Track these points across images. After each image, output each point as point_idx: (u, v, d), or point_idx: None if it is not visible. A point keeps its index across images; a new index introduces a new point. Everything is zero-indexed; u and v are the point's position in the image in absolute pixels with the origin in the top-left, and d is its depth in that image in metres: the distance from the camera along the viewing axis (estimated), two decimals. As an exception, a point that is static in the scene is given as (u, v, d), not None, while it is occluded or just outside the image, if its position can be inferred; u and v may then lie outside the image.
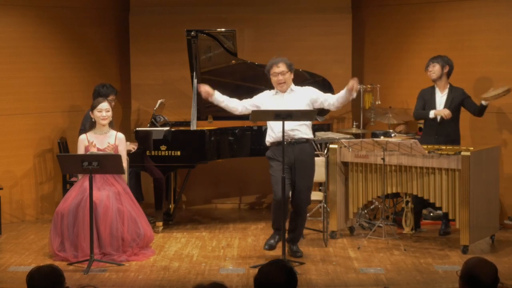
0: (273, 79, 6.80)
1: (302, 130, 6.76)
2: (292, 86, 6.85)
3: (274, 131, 6.77)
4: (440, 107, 7.53)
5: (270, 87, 6.96)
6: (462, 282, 3.50)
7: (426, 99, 7.62)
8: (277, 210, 6.79)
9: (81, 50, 9.01)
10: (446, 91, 7.56)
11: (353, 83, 6.61)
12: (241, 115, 7.10)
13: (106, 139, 6.99)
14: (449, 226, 7.59)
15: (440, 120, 7.50)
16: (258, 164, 8.59)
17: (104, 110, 6.98)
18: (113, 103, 8.26)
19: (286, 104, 6.74)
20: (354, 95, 6.70)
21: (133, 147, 7.86)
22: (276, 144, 6.74)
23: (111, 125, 7.11)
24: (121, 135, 7.08)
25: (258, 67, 8.14)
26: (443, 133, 7.51)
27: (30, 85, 8.56)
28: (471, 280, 3.46)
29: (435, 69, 7.53)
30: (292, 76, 6.83)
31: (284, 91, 6.82)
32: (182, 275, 6.34)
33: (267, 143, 6.89)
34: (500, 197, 7.56)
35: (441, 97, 7.56)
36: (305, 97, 6.81)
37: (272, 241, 6.92)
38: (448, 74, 7.57)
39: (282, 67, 6.74)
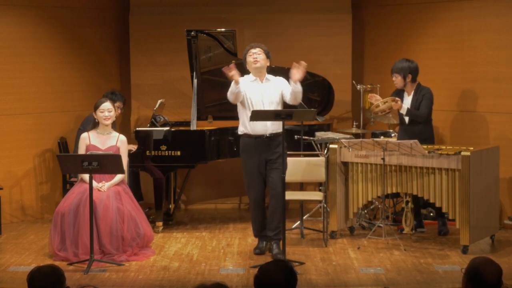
0: (249, 60, 6.84)
1: (280, 123, 6.75)
2: (268, 75, 6.89)
3: (253, 126, 6.80)
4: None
5: None
6: (466, 278, 3.51)
7: None
8: (256, 213, 6.92)
9: (81, 50, 9.01)
10: (413, 92, 7.57)
11: (296, 74, 6.62)
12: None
13: (108, 140, 6.99)
14: (446, 223, 7.58)
15: (408, 121, 7.53)
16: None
17: (106, 110, 6.97)
18: (119, 111, 8.28)
19: (262, 92, 6.81)
20: (298, 86, 6.69)
21: (133, 146, 7.86)
22: (254, 137, 6.80)
23: (114, 126, 7.10)
24: (123, 137, 7.07)
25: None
26: (414, 132, 7.46)
27: (30, 85, 8.56)
28: (475, 278, 3.47)
29: (398, 80, 7.57)
30: (268, 63, 6.86)
31: (258, 74, 6.85)
32: (182, 275, 6.34)
33: (240, 132, 6.92)
34: (500, 197, 7.56)
35: (407, 99, 7.57)
36: (278, 87, 6.87)
37: (261, 245, 6.99)
38: (413, 79, 7.54)
39: (257, 49, 6.82)
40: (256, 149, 6.83)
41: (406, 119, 7.56)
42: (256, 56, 6.81)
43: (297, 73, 6.65)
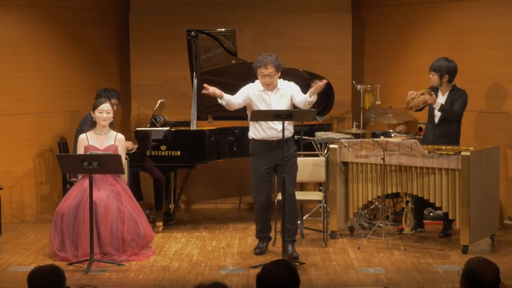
0: (260, 79, 6.79)
1: (290, 128, 6.82)
2: (279, 83, 6.84)
3: (263, 129, 6.80)
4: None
5: None
6: (463, 281, 3.49)
7: None
8: (261, 215, 6.92)
9: (81, 50, 9.01)
10: (447, 93, 7.55)
11: (316, 88, 6.60)
12: (240, 115, 7.14)
13: (106, 139, 6.98)
14: (451, 228, 7.55)
15: (438, 121, 7.52)
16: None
17: (105, 111, 6.96)
18: (115, 107, 8.27)
19: (273, 103, 6.78)
20: (314, 98, 6.69)
21: (133, 146, 7.85)
22: (264, 142, 6.81)
23: (111, 126, 7.09)
24: (121, 136, 7.07)
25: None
26: (441, 133, 7.49)
27: (30, 85, 8.56)
28: (472, 279, 3.45)
29: (434, 79, 7.52)
30: (279, 74, 6.80)
31: (271, 90, 6.83)
32: (182, 275, 6.34)
33: (250, 137, 6.92)
34: (500, 197, 7.56)
35: (441, 99, 7.55)
36: (288, 95, 6.83)
37: (261, 245, 7.00)
38: (450, 80, 7.52)
39: (270, 69, 6.71)
40: (266, 153, 6.82)
41: (436, 118, 7.52)
42: (268, 80, 6.72)
43: (315, 90, 6.62)
